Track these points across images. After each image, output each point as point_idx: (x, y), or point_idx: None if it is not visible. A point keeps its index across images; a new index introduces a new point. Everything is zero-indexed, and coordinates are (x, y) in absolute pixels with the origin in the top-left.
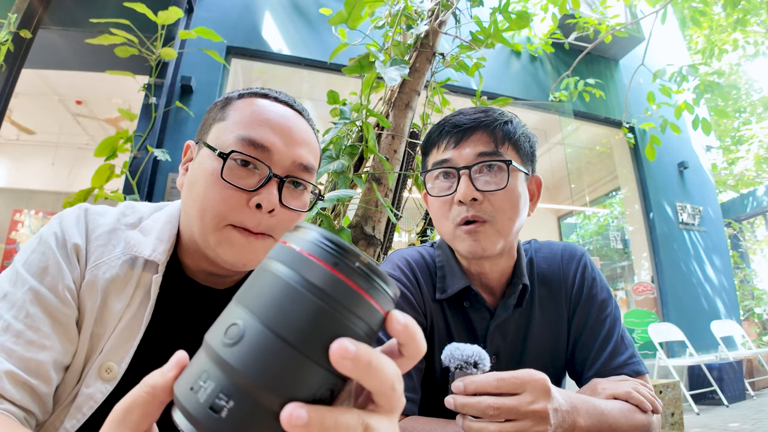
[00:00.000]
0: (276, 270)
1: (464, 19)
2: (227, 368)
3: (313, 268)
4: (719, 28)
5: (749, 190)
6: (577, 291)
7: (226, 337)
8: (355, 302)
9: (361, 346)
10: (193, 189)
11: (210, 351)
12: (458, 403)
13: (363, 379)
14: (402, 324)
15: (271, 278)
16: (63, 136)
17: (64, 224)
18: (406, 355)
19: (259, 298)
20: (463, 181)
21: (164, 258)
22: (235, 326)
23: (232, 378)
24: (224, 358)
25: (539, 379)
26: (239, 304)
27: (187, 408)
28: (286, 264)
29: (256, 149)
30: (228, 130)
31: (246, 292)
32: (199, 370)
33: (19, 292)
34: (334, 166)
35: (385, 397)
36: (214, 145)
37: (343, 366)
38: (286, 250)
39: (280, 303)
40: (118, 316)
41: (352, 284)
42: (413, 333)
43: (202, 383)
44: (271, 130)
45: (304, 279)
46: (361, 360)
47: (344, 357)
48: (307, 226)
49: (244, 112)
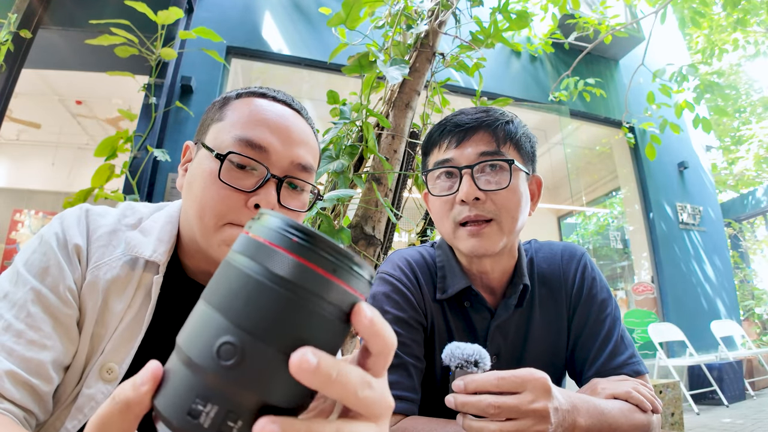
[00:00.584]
0: (239, 263)
1: (464, 19)
2: (231, 391)
3: (274, 256)
4: (719, 28)
5: (749, 190)
6: (577, 291)
7: (221, 358)
8: (323, 287)
9: (324, 357)
10: (191, 190)
11: (199, 370)
12: (459, 401)
13: (325, 390)
14: (368, 318)
15: (234, 272)
16: (63, 136)
17: (65, 225)
18: (374, 352)
19: (223, 293)
20: (466, 180)
21: (165, 259)
22: (229, 345)
23: (237, 399)
24: (225, 380)
25: (540, 378)
26: (205, 302)
27: (169, 420)
28: (248, 256)
29: (253, 150)
30: (226, 130)
31: (211, 288)
32: (189, 391)
33: (20, 291)
34: (334, 166)
35: (354, 405)
36: (212, 145)
37: (303, 379)
38: (248, 240)
39: (243, 297)
40: (119, 317)
41: (317, 268)
42: (379, 328)
43: (202, 407)
44: (269, 130)
45: (266, 270)
46: (322, 372)
47: (304, 370)
48: (266, 212)
49: (241, 112)
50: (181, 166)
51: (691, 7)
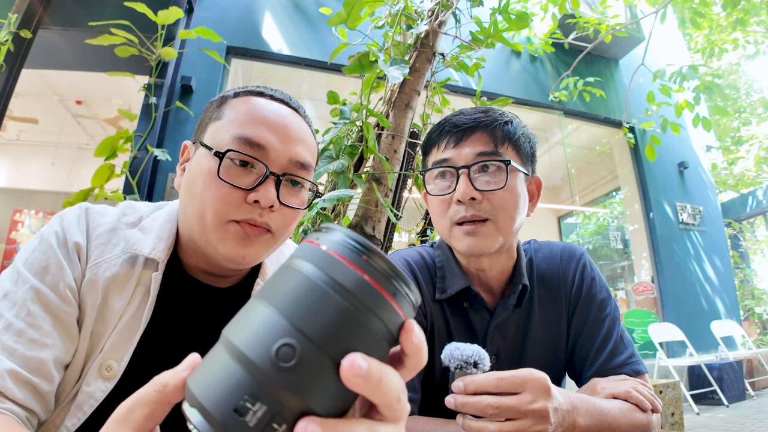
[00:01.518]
0: (302, 268)
1: (464, 19)
2: (282, 393)
3: (340, 268)
4: (719, 28)
5: (749, 190)
6: (576, 291)
7: (279, 359)
8: (379, 305)
9: (373, 362)
10: (191, 189)
11: (253, 368)
12: (458, 402)
13: (371, 395)
14: (418, 338)
15: (297, 276)
16: (63, 136)
17: (65, 223)
18: (408, 367)
19: (283, 295)
20: (462, 180)
21: (164, 256)
22: (288, 348)
23: (285, 402)
24: (278, 381)
25: (539, 378)
26: (263, 300)
27: (230, 429)
28: (312, 262)
29: (252, 148)
30: (224, 129)
31: (270, 288)
32: (238, 388)
33: (20, 290)
34: (334, 166)
35: (391, 410)
36: (210, 144)
37: (353, 383)
38: (312, 248)
39: (303, 301)
40: (118, 315)
41: (378, 286)
42: (421, 348)
43: (250, 406)
44: (267, 128)
45: (330, 279)
46: (373, 378)
47: (356, 375)
48: (334, 227)
49: (239, 111)
50: (179, 166)
51: (691, 7)
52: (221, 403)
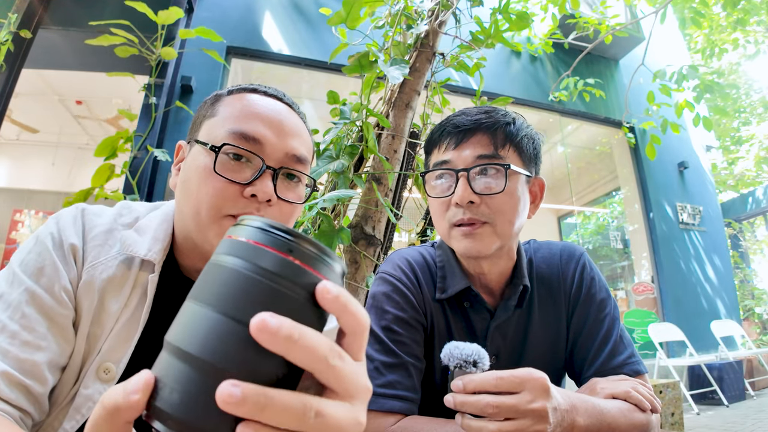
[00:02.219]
0: (226, 262)
1: (464, 19)
2: (186, 357)
3: (260, 253)
4: (719, 28)
5: (749, 190)
6: (576, 291)
7: (182, 332)
8: (304, 278)
9: (285, 320)
10: (187, 186)
11: (169, 347)
12: (457, 401)
13: (290, 355)
14: (332, 294)
15: (224, 270)
16: (63, 136)
17: (61, 224)
18: (347, 331)
19: (214, 290)
20: (461, 183)
21: (160, 257)
22: (188, 319)
23: (192, 365)
24: (191, 353)
25: (538, 378)
26: (195, 300)
27: (167, 412)
28: (235, 255)
29: (248, 142)
30: (218, 125)
31: (199, 288)
32: (173, 376)
33: (15, 292)
34: (334, 166)
35: (325, 376)
36: (205, 141)
37: (263, 340)
38: (232, 242)
39: (235, 292)
40: (115, 317)
41: (299, 262)
42: (346, 303)
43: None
44: (262, 122)
45: (254, 265)
46: (282, 333)
47: (262, 330)
48: (247, 218)
49: (234, 107)
50: (174, 166)
51: (691, 7)
52: (161, 392)
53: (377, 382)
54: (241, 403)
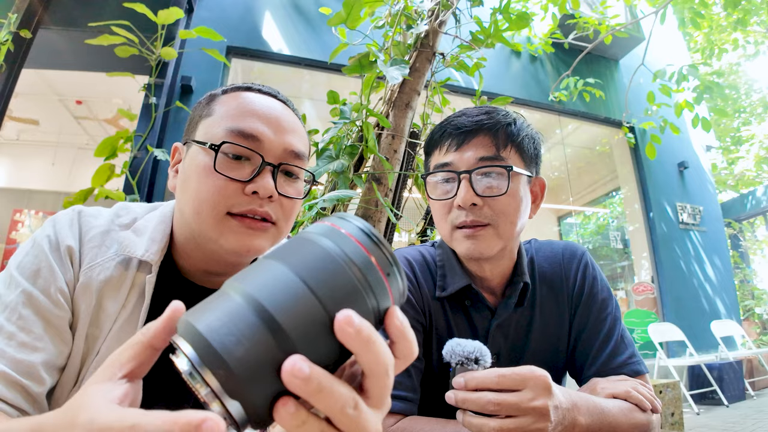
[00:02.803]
0: (322, 243)
1: (464, 19)
2: (258, 307)
3: (354, 248)
4: (719, 28)
5: (749, 190)
6: (578, 290)
7: (263, 283)
8: (378, 286)
9: (366, 322)
10: (186, 186)
11: (253, 302)
12: (459, 398)
13: (360, 353)
14: (399, 321)
15: (318, 249)
16: (63, 136)
17: (58, 227)
18: (399, 356)
19: (305, 263)
20: (463, 185)
21: (157, 258)
22: (275, 273)
23: (273, 332)
24: (258, 299)
25: (540, 376)
26: (283, 263)
27: (206, 338)
28: (332, 240)
29: (246, 139)
30: (216, 124)
31: (288, 255)
32: (230, 313)
33: (12, 294)
34: (334, 166)
35: (377, 382)
36: (203, 140)
37: (345, 334)
38: (331, 229)
39: (324, 272)
40: (113, 318)
41: (380, 270)
42: (405, 332)
43: (243, 328)
44: (260, 120)
45: (347, 256)
46: (363, 334)
47: (349, 325)
48: (349, 216)
49: (230, 106)
50: (171, 168)
51: (691, 7)
52: (228, 338)
53: None
54: (306, 382)
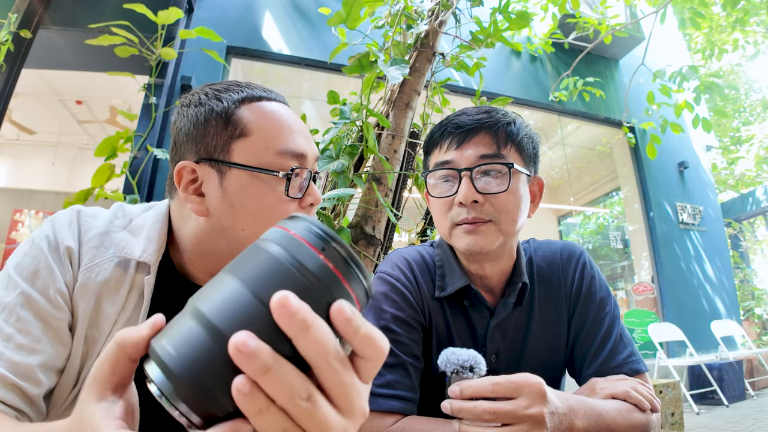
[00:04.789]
0: (270, 249)
1: (464, 19)
2: (212, 328)
3: (304, 251)
4: (719, 28)
5: (749, 190)
6: (576, 289)
7: (211, 298)
8: (336, 287)
9: (306, 306)
10: (242, 213)
11: (196, 312)
12: (455, 407)
13: (298, 340)
14: (347, 314)
15: (265, 255)
16: (63, 136)
17: (57, 227)
18: (360, 354)
19: (250, 269)
20: (464, 182)
21: (155, 259)
22: (220, 287)
23: (215, 337)
24: (210, 319)
25: (535, 383)
26: (230, 274)
27: (167, 364)
28: (279, 245)
29: (298, 159)
30: (260, 145)
31: (237, 264)
32: (199, 348)
33: (10, 295)
34: (334, 166)
35: (324, 375)
36: (249, 164)
37: (280, 315)
38: (281, 232)
39: (268, 276)
40: (113, 319)
41: (335, 269)
42: (357, 327)
43: (188, 340)
44: (298, 135)
45: (295, 259)
46: (299, 316)
47: (285, 306)
48: (303, 216)
49: (265, 123)
50: (185, 191)
51: (691, 7)
52: (184, 363)
53: (376, 381)
54: (251, 357)
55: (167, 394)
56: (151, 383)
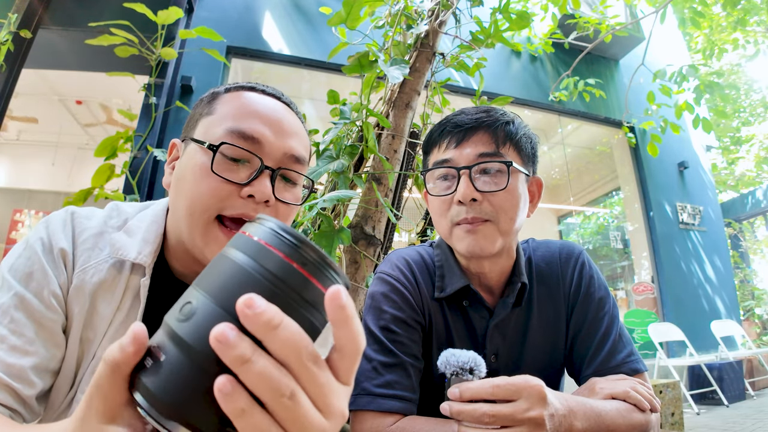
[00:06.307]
0: (234, 257)
1: (464, 19)
2: (179, 341)
3: (267, 254)
4: (719, 28)
5: (749, 190)
6: (575, 289)
7: (181, 314)
8: (306, 289)
9: (272, 306)
10: (181, 185)
11: (166, 328)
12: (454, 410)
13: (267, 340)
14: (341, 302)
15: (228, 263)
16: (63, 136)
17: (51, 229)
18: (339, 347)
19: (215, 281)
20: (463, 181)
21: (150, 260)
22: (188, 305)
23: (182, 349)
24: (178, 333)
25: (535, 385)
26: (197, 287)
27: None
28: (244, 252)
29: (246, 141)
30: (216, 123)
31: (204, 276)
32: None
33: (4, 297)
34: (334, 166)
35: (298, 375)
36: (202, 139)
37: (246, 318)
38: (244, 239)
39: (232, 285)
40: (108, 320)
41: (304, 271)
42: (348, 316)
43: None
44: (261, 121)
45: (260, 266)
46: (265, 316)
47: (249, 306)
48: (264, 218)
49: (232, 105)
50: (168, 165)
51: (691, 7)
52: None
53: (375, 382)
54: (231, 346)
55: (153, 415)
56: (139, 407)
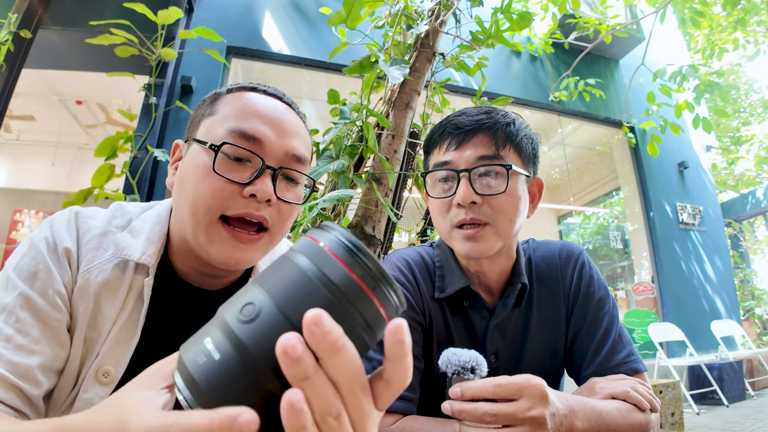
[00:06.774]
0: (299, 261)
1: (464, 19)
2: (237, 343)
3: (332, 264)
4: (719, 28)
5: (749, 190)
6: (574, 289)
7: (242, 314)
8: (362, 302)
9: (338, 326)
10: (184, 186)
11: (224, 326)
12: (455, 409)
13: (325, 359)
14: (403, 336)
15: (293, 267)
16: (63, 136)
17: (55, 228)
18: (387, 378)
19: (277, 283)
20: (463, 183)
21: (154, 261)
22: (250, 306)
23: (239, 351)
24: (237, 334)
25: (536, 384)
26: (258, 285)
27: (192, 375)
28: (308, 257)
29: (247, 141)
30: (218, 123)
31: (267, 276)
32: (213, 348)
33: (9, 296)
34: (334, 166)
35: (347, 392)
36: (204, 139)
37: (310, 333)
38: (311, 244)
39: (295, 291)
40: (111, 320)
41: (363, 285)
42: (405, 353)
43: (213, 353)
44: (262, 121)
45: (322, 273)
46: (330, 336)
47: (316, 324)
48: (333, 226)
49: (233, 105)
50: (171, 165)
51: (691, 7)
52: (208, 375)
53: None
54: (297, 361)
55: (191, 405)
56: (178, 391)
